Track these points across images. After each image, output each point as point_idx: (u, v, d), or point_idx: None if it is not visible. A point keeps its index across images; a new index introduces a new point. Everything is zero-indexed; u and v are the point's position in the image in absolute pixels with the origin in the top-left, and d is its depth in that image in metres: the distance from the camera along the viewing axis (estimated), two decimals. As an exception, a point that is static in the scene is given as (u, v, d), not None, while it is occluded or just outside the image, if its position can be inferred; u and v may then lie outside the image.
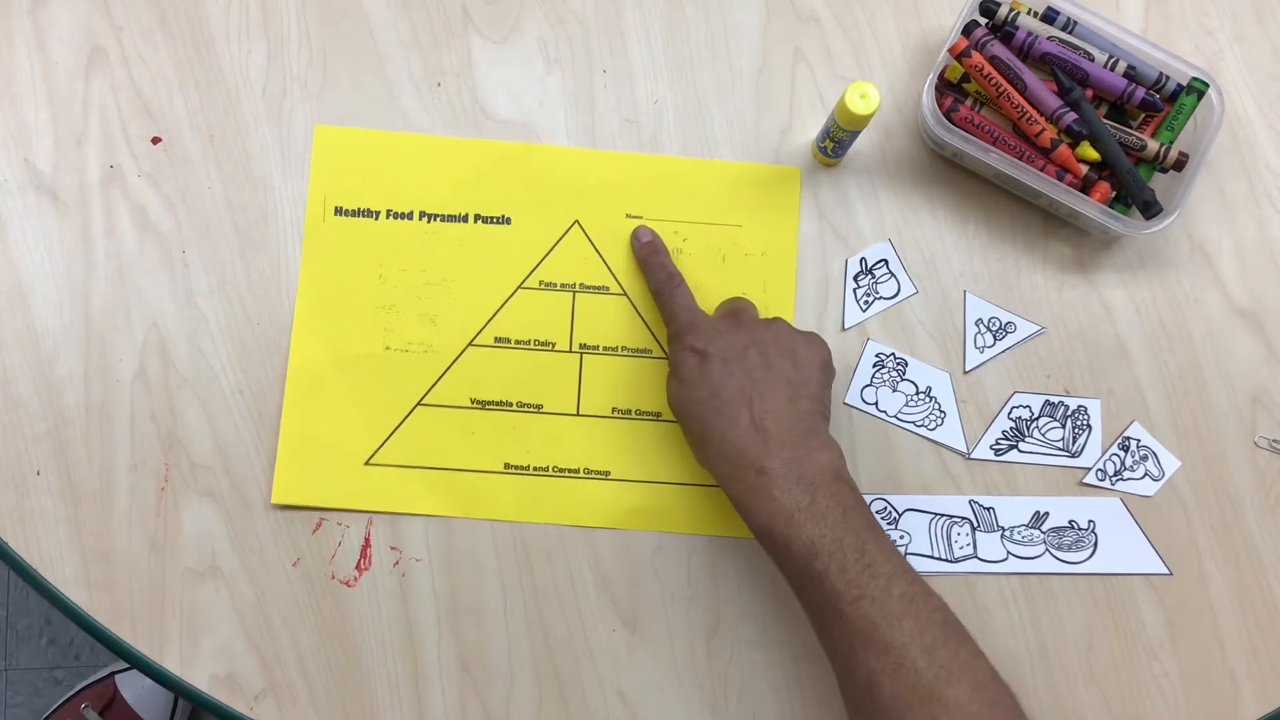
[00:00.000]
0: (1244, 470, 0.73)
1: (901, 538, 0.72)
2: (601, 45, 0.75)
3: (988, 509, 0.72)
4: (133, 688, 1.24)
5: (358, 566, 0.71)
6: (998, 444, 0.73)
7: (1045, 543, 0.72)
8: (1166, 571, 0.72)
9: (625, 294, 0.73)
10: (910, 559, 0.72)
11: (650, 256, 0.72)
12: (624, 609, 0.71)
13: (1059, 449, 0.73)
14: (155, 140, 0.73)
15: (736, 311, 0.69)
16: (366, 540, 0.71)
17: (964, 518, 0.72)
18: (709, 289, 0.73)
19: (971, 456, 0.73)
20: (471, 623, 0.71)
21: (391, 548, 0.71)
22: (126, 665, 1.25)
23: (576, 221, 0.74)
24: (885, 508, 0.72)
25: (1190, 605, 0.72)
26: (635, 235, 0.73)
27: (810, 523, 0.59)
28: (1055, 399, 0.73)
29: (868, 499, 0.72)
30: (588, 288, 0.73)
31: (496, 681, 0.70)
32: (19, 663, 1.42)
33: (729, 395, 0.63)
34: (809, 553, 0.59)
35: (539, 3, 0.75)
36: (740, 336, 0.66)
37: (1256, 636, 0.72)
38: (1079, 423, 0.73)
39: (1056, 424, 0.73)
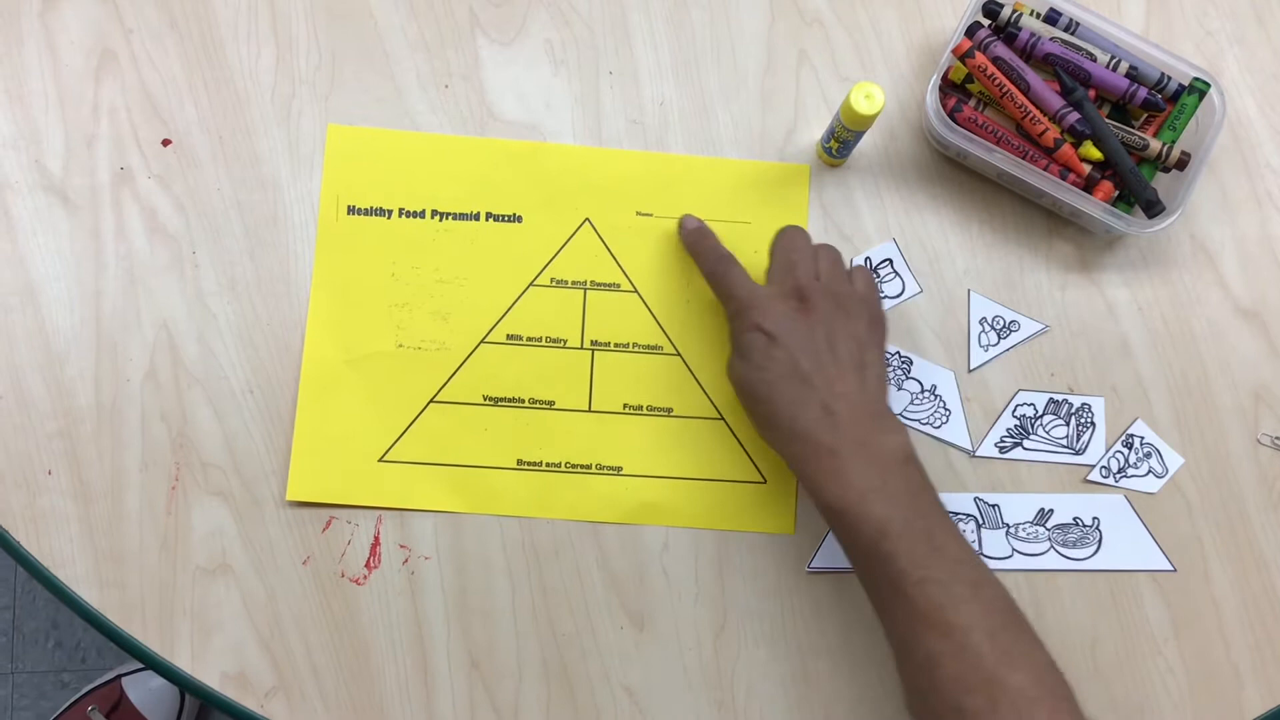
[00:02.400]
0: (1247, 467, 0.74)
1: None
2: (607, 47, 0.76)
3: (992, 506, 0.73)
4: (139, 690, 1.24)
5: (367, 564, 0.71)
6: (1002, 441, 0.74)
7: (1050, 540, 0.73)
8: (1170, 568, 0.73)
9: (636, 291, 0.74)
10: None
11: (699, 241, 0.71)
12: (631, 606, 0.72)
13: (1063, 446, 0.73)
14: (165, 142, 0.74)
15: (801, 289, 0.66)
16: (376, 538, 0.71)
17: (969, 515, 0.73)
18: (718, 286, 0.74)
19: (976, 454, 0.73)
20: (480, 620, 0.71)
21: (400, 546, 0.71)
22: (133, 668, 1.26)
23: (587, 219, 0.74)
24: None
25: (1194, 601, 0.72)
26: (681, 224, 0.73)
27: (881, 503, 0.60)
28: (1059, 397, 0.74)
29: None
30: (599, 285, 0.74)
31: (505, 678, 0.71)
32: (26, 666, 1.43)
33: (799, 378, 0.63)
34: (878, 533, 0.59)
35: (545, 5, 0.76)
36: (807, 319, 0.65)
37: (1260, 632, 0.72)
38: (1083, 420, 0.74)
39: (1060, 421, 0.73)
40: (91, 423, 0.71)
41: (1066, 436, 0.73)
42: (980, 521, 0.73)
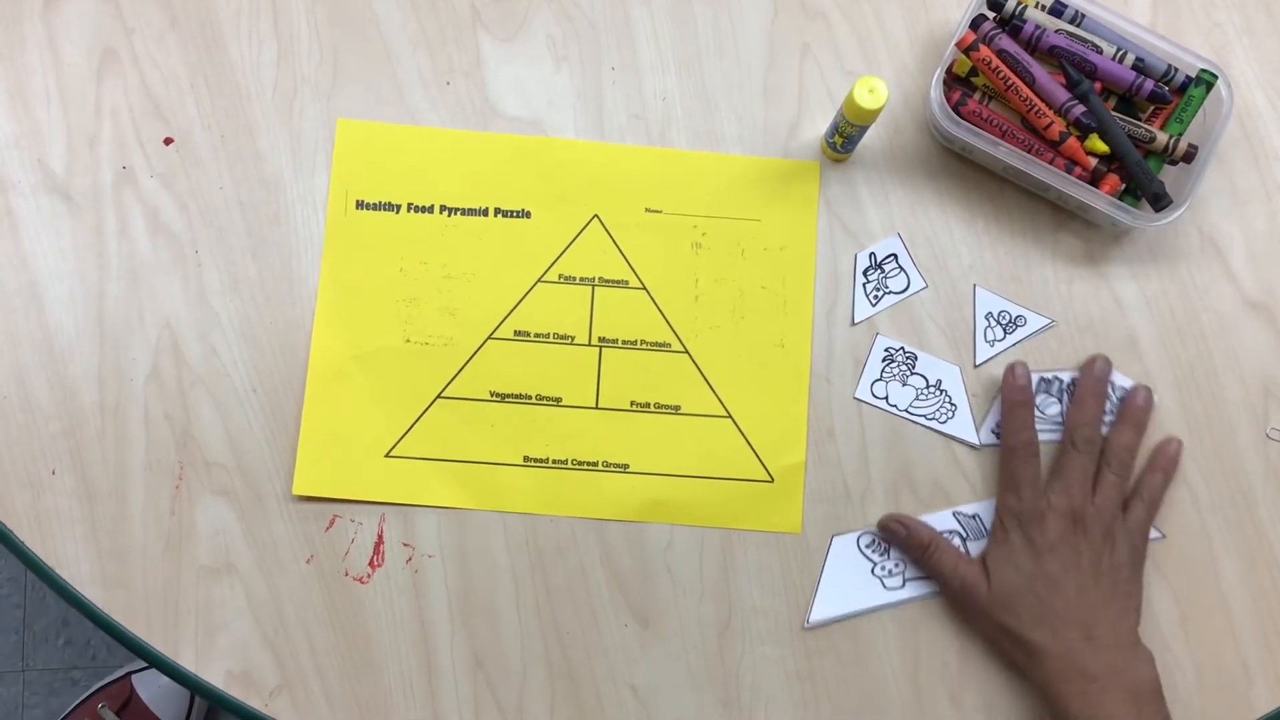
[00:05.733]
0: (1256, 462, 0.73)
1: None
2: (610, 42, 0.76)
3: (971, 517, 0.72)
4: (149, 687, 1.25)
5: (371, 563, 0.71)
6: (999, 428, 0.73)
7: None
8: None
9: (644, 288, 0.73)
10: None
11: (1017, 408, 0.71)
12: (636, 604, 0.71)
13: (1058, 425, 0.72)
14: (167, 141, 0.73)
15: (1077, 512, 0.68)
16: (379, 537, 0.71)
17: (953, 531, 0.72)
18: (728, 283, 0.73)
19: (980, 446, 0.73)
20: (484, 619, 0.71)
21: (404, 544, 0.71)
22: (143, 665, 1.26)
23: (596, 215, 0.74)
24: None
25: (1202, 598, 0.72)
26: (1010, 375, 0.72)
27: None
28: (1049, 375, 0.73)
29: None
30: (607, 281, 0.74)
31: (509, 677, 0.71)
32: (36, 663, 1.43)
33: (1062, 599, 0.67)
34: None
35: (547, 1, 0.76)
36: (1077, 542, 0.68)
37: (1269, 628, 0.72)
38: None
39: (1053, 399, 0.73)
40: (95, 422, 0.71)
41: (1061, 414, 0.72)
42: (964, 535, 0.72)
